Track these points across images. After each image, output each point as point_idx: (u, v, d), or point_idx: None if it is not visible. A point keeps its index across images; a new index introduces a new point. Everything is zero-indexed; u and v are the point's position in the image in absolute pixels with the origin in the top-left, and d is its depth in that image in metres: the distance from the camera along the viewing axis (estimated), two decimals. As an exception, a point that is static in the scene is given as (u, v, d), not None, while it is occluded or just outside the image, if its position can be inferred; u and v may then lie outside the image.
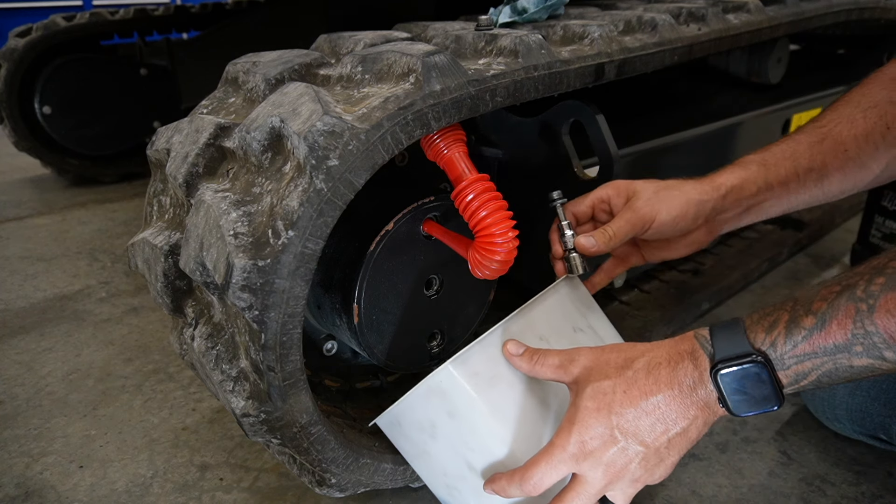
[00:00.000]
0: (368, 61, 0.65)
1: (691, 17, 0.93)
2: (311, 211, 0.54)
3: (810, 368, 0.49)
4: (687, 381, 0.52)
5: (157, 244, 0.66)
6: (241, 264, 0.54)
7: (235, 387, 0.61)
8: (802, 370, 0.49)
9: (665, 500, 0.80)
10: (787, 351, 0.49)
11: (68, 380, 1.09)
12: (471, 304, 0.82)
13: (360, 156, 0.55)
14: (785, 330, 0.49)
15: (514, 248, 0.66)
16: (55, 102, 2.07)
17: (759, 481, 0.83)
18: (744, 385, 0.50)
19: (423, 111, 0.58)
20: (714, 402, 0.52)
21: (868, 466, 0.85)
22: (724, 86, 1.40)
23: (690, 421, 0.53)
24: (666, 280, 1.20)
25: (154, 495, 0.83)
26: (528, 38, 0.68)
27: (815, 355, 0.48)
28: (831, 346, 0.47)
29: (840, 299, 0.47)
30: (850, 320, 0.46)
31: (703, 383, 0.52)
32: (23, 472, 0.88)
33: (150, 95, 2.24)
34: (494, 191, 0.66)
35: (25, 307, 1.35)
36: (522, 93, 0.67)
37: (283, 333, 0.57)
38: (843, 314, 0.47)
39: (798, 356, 0.49)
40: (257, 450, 0.90)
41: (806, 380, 0.49)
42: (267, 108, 0.60)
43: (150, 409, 1.00)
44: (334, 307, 0.72)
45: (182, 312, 0.68)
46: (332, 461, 0.66)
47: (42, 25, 2.02)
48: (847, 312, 0.47)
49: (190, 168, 0.64)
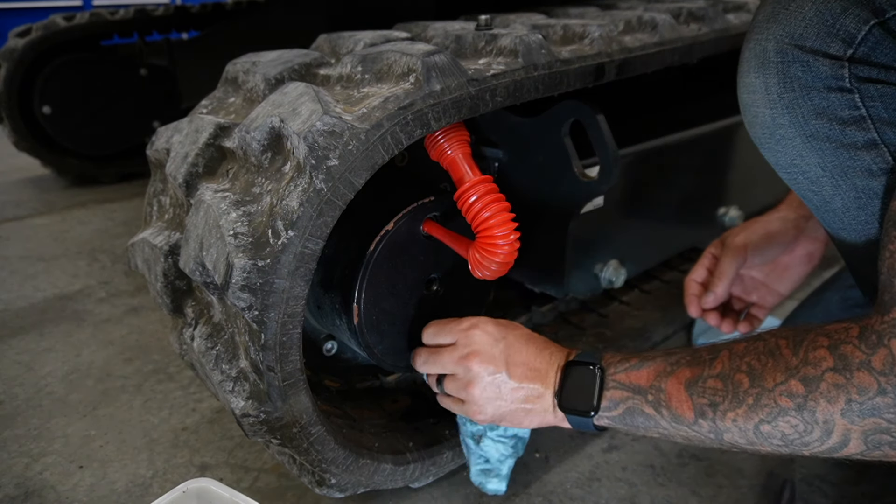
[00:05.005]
0: (368, 61, 0.64)
1: (691, 17, 0.93)
2: (311, 211, 0.54)
3: (619, 399, 0.60)
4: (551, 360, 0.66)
5: (157, 244, 0.66)
6: (241, 264, 0.54)
7: (235, 387, 0.60)
8: (614, 398, 0.60)
9: (665, 499, 0.80)
10: (613, 374, 0.61)
11: (68, 380, 1.08)
12: (470, 304, 0.81)
13: (360, 156, 0.55)
14: (620, 360, 0.61)
15: (514, 250, 0.66)
16: (55, 102, 2.07)
17: (759, 481, 0.83)
18: (577, 380, 0.62)
19: (423, 111, 0.58)
20: (552, 390, 0.65)
21: (868, 466, 0.85)
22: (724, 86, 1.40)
23: (534, 391, 0.65)
24: (666, 280, 1.19)
25: (154, 495, 0.83)
26: (529, 38, 0.67)
27: (625, 387, 0.59)
28: (636, 386, 0.58)
29: (659, 359, 0.59)
30: (655, 374, 0.57)
31: (559, 368, 0.65)
32: (23, 472, 0.88)
33: (150, 95, 2.24)
34: (497, 192, 0.66)
35: (25, 307, 1.35)
36: (522, 93, 0.67)
37: (282, 333, 0.56)
38: (653, 368, 0.58)
39: (617, 382, 0.60)
40: (257, 450, 0.90)
41: (616, 410, 0.60)
42: (267, 108, 0.60)
43: (150, 409, 1.00)
44: (334, 307, 0.72)
45: (182, 312, 0.68)
46: (332, 461, 0.66)
47: (42, 25, 2.02)
48: (657, 368, 0.58)
49: (190, 168, 0.64)
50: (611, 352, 0.64)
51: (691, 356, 0.56)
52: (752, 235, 0.84)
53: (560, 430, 0.67)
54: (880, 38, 0.48)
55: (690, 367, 0.55)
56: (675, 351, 0.59)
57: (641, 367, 0.59)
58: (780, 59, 0.51)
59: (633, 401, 0.59)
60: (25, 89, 2.03)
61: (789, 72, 0.51)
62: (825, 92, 0.50)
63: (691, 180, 1.08)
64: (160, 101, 2.24)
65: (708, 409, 0.53)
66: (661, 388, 0.56)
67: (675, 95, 1.27)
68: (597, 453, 0.89)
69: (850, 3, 0.48)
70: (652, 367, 0.58)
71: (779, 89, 0.52)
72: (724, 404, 0.52)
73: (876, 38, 0.48)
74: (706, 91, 1.26)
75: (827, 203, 0.55)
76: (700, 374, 0.54)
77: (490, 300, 0.84)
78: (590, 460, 0.87)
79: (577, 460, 0.87)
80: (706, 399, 0.53)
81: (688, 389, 0.54)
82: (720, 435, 0.53)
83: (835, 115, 0.50)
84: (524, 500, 0.81)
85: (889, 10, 0.47)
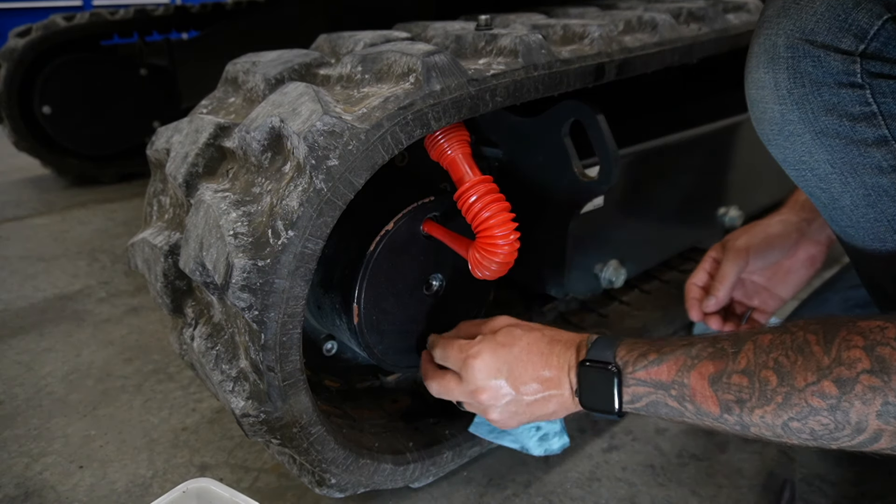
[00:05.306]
0: (368, 61, 0.64)
1: (691, 17, 0.93)
2: (311, 211, 0.54)
3: (642, 393, 0.59)
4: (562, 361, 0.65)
5: (157, 244, 0.66)
6: (241, 264, 0.54)
7: (235, 387, 0.60)
8: (637, 393, 0.59)
9: (665, 499, 0.80)
10: (631, 372, 0.59)
11: (68, 380, 1.08)
12: (470, 304, 0.81)
13: (360, 156, 0.55)
14: (637, 357, 0.60)
15: (514, 250, 0.66)
16: (55, 102, 2.07)
17: (759, 481, 0.83)
18: (595, 383, 0.61)
19: (423, 111, 0.58)
20: (572, 387, 0.64)
21: (868, 466, 0.85)
22: (724, 86, 1.40)
23: (551, 395, 0.65)
24: (666, 280, 1.19)
25: (154, 495, 0.83)
26: (529, 38, 0.67)
27: (646, 384, 0.58)
28: (658, 382, 0.57)
29: (678, 351, 0.57)
30: (676, 369, 0.56)
31: (571, 369, 0.64)
32: (23, 472, 0.88)
33: (150, 95, 2.24)
34: (497, 192, 0.66)
35: (25, 307, 1.35)
36: (522, 93, 0.67)
37: (282, 333, 0.56)
38: (674, 362, 0.57)
39: (637, 380, 0.59)
40: (257, 450, 0.90)
41: (639, 402, 0.59)
42: (267, 108, 0.60)
43: (150, 409, 1.00)
44: (334, 307, 0.72)
45: (182, 312, 0.68)
46: (332, 461, 0.66)
47: (42, 25, 2.02)
48: (677, 362, 0.56)
49: (190, 168, 0.64)
50: (624, 343, 0.62)
51: (713, 348, 0.55)
52: (753, 239, 0.84)
53: (560, 429, 0.67)
54: (893, 32, 0.47)
55: (713, 360, 0.54)
56: (693, 340, 0.58)
57: (661, 363, 0.57)
58: (790, 54, 0.51)
59: (655, 395, 0.58)
60: (25, 89, 2.03)
61: (799, 67, 0.50)
62: (836, 88, 0.50)
63: (691, 180, 1.08)
64: (160, 101, 2.24)
65: (734, 406, 0.52)
66: (685, 383, 0.55)
67: (675, 95, 1.27)
68: (597, 453, 0.89)
69: None
70: (672, 361, 0.57)
71: (788, 85, 0.51)
72: (751, 401, 0.51)
73: (889, 33, 0.47)
74: (706, 91, 1.26)
75: (835, 200, 0.55)
76: (724, 369, 0.53)
77: (490, 300, 0.84)
78: (590, 460, 0.87)
79: (577, 460, 0.87)
80: (732, 395, 0.52)
81: (712, 385, 0.53)
82: (746, 428, 0.52)
83: (845, 111, 0.50)
84: (524, 500, 0.81)
85: None
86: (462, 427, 0.79)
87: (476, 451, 0.83)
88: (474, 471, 0.85)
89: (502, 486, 0.83)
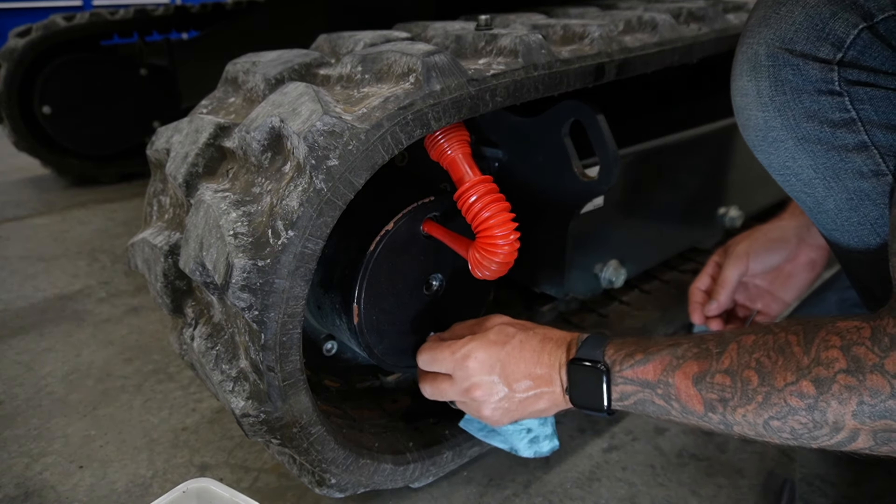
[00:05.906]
0: (368, 61, 0.64)
1: (691, 17, 0.93)
2: (311, 211, 0.54)
3: (630, 392, 0.60)
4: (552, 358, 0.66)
5: (157, 244, 0.66)
6: (241, 264, 0.54)
7: (235, 387, 0.60)
8: (625, 391, 0.60)
9: (665, 499, 0.80)
10: (619, 371, 0.61)
11: (68, 380, 1.08)
12: (470, 304, 0.81)
13: (360, 156, 0.55)
14: (625, 357, 0.61)
15: (514, 250, 0.66)
16: (55, 102, 2.07)
17: (759, 481, 0.83)
18: (584, 381, 0.63)
19: (423, 111, 0.58)
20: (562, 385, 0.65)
21: (868, 466, 0.85)
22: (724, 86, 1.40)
23: (543, 392, 0.66)
24: (666, 280, 1.19)
25: (154, 495, 0.83)
26: (529, 38, 0.67)
27: (633, 382, 0.60)
28: (644, 381, 0.59)
29: (664, 351, 0.58)
30: (662, 368, 0.57)
31: (562, 367, 0.65)
32: (23, 472, 0.88)
33: (150, 95, 2.24)
34: (497, 192, 0.66)
35: (25, 307, 1.35)
36: (522, 93, 0.67)
37: (282, 333, 0.56)
38: (659, 362, 0.58)
39: (624, 378, 0.60)
40: (257, 450, 0.90)
41: (628, 400, 0.61)
42: (267, 108, 0.60)
43: (150, 409, 1.00)
44: (334, 307, 0.72)
45: (182, 312, 0.68)
46: (332, 461, 0.66)
47: (42, 25, 2.02)
48: (662, 362, 0.58)
49: (190, 168, 0.64)
50: (613, 342, 0.63)
51: (698, 348, 0.56)
52: (754, 244, 0.85)
53: (560, 429, 0.67)
54: (869, 41, 0.48)
55: (698, 360, 0.55)
56: (679, 340, 0.59)
57: (647, 362, 0.59)
58: (771, 62, 0.52)
59: (642, 394, 0.59)
60: (25, 89, 2.03)
61: (780, 75, 0.51)
62: (815, 95, 0.51)
63: (691, 180, 1.08)
64: (160, 101, 2.24)
65: (718, 405, 0.53)
66: (670, 382, 0.57)
67: (675, 95, 1.27)
68: (597, 453, 0.89)
69: (839, 8, 0.49)
70: (658, 361, 0.58)
71: (770, 92, 0.52)
72: (733, 401, 0.52)
73: (864, 42, 0.48)
74: (706, 91, 1.25)
75: (820, 204, 0.56)
76: (707, 369, 0.54)
77: (490, 300, 0.84)
78: (590, 460, 0.87)
79: (577, 460, 0.87)
80: (715, 395, 0.53)
81: (696, 385, 0.55)
82: (730, 427, 0.54)
83: (825, 117, 0.51)
84: (524, 500, 0.81)
85: (877, 14, 0.48)
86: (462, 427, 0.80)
87: (476, 451, 0.83)
88: (474, 471, 0.85)
89: (502, 486, 0.83)
